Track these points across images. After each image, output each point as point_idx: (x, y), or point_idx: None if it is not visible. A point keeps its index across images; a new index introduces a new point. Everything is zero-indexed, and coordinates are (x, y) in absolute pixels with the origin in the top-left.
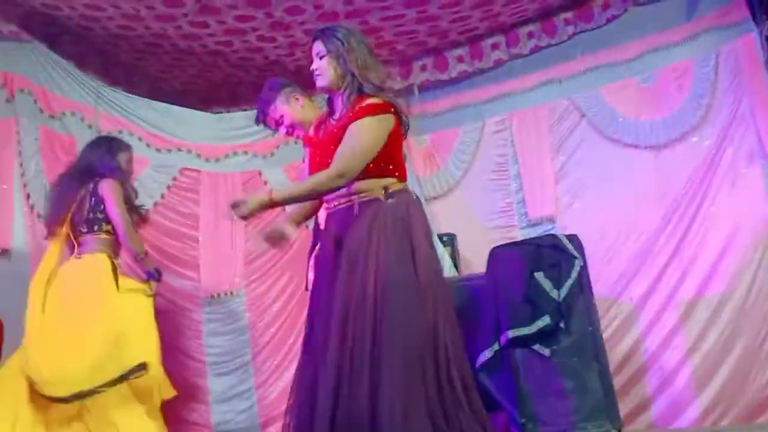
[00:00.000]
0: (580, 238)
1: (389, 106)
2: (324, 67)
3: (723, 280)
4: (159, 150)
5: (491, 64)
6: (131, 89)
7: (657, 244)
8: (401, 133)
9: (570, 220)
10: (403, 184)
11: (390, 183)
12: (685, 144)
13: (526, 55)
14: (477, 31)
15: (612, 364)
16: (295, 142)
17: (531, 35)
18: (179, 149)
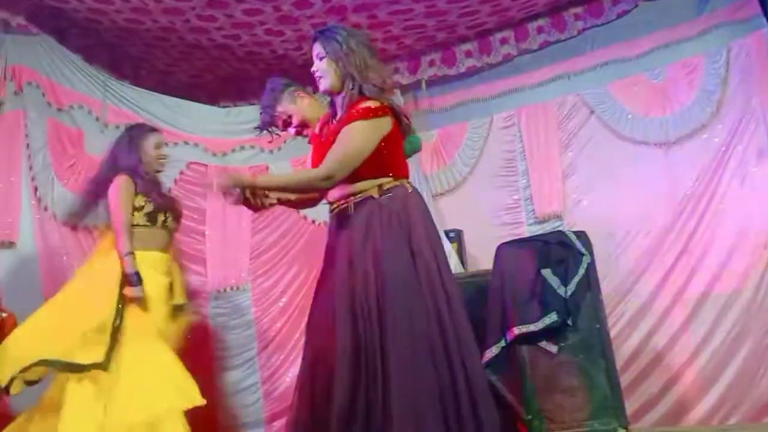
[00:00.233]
0: (588, 235)
1: (385, 108)
2: (324, 69)
3: (731, 278)
4: (166, 144)
5: (500, 59)
6: (139, 83)
7: (665, 241)
8: (400, 135)
9: (578, 217)
10: (400, 180)
11: (385, 182)
12: (695, 141)
13: (535, 50)
14: (486, 26)
15: (619, 361)
16: (303, 137)
17: (540, 30)
18: (186, 143)
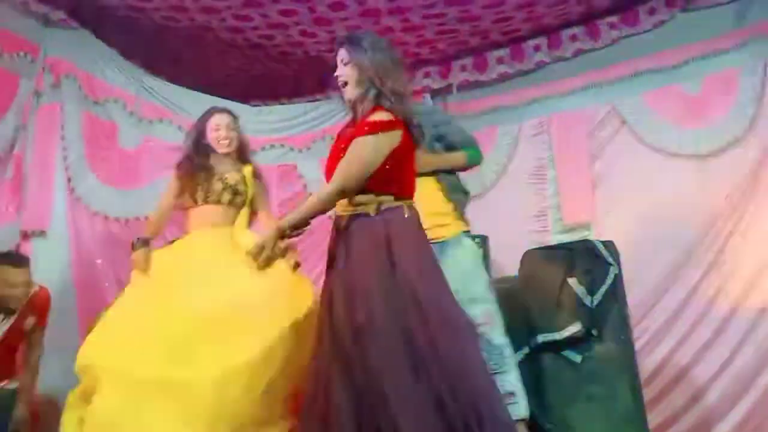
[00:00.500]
0: (616, 245)
1: (396, 122)
2: (348, 75)
3: (760, 295)
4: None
5: (532, 66)
6: (173, 79)
7: (695, 255)
8: (410, 147)
9: (606, 227)
10: (401, 201)
11: (385, 200)
12: (728, 155)
13: (568, 58)
14: (519, 33)
15: (643, 374)
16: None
17: (574, 38)
18: None
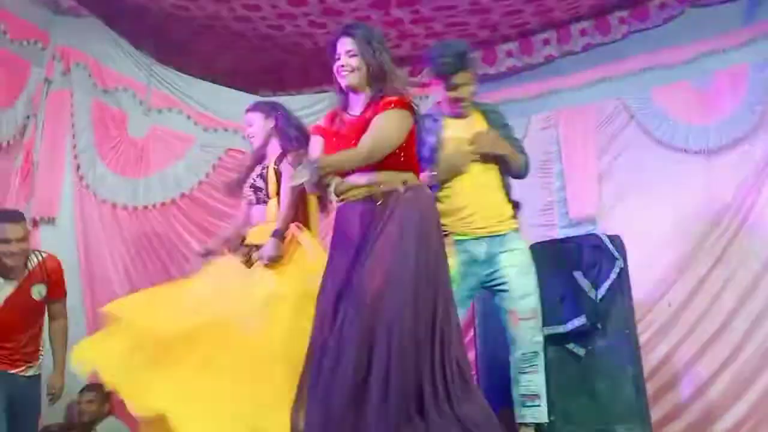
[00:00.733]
0: (622, 239)
1: (410, 104)
2: (354, 66)
3: (765, 291)
4: (206, 129)
5: (541, 60)
6: (182, 68)
7: (701, 250)
8: (414, 134)
9: (612, 221)
10: (418, 178)
11: (409, 177)
12: (736, 151)
13: (577, 53)
14: (529, 26)
15: (646, 368)
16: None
17: (584, 32)
18: (226, 129)
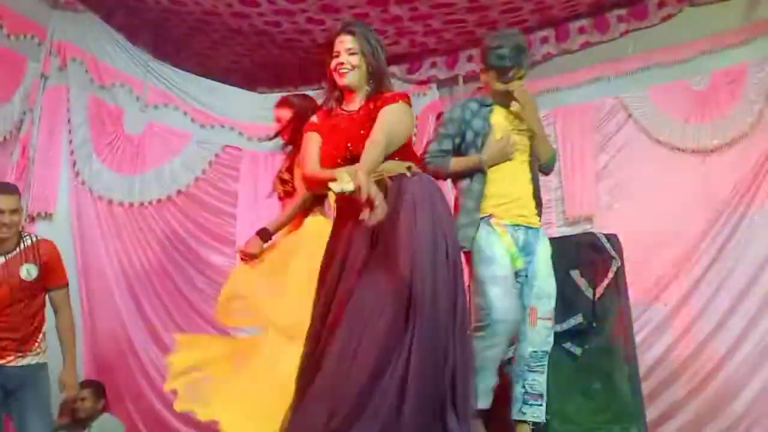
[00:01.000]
0: (619, 239)
1: (410, 101)
2: (355, 64)
3: (762, 290)
4: (203, 126)
5: (539, 58)
6: (179, 64)
7: (697, 250)
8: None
9: (609, 220)
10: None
11: (412, 165)
12: (734, 150)
13: (575, 51)
14: (527, 24)
15: (643, 368)
16: None
17: (582, 30)
18: (222, 126)
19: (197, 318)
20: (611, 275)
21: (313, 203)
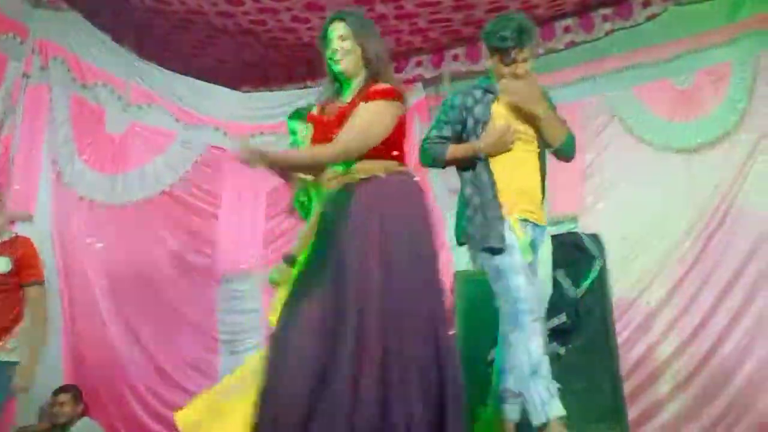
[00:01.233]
0: (601, 238)
1: (401, 94)
2: (347, 50)
3: (743, 289)
4: (187, 125)
5: None
6: (163, 64)
7: (680, 249)
8: (406, 120)
9: (593, 220)
10: (404, 166)
11: (391, 165)
12: (717, 149)
13: (560, 50)
14: None
15: (626, 367)
16: None
17: (567, 30)
18: (206, 126)
19: (178, 319)
20: (594, 275)
21: None
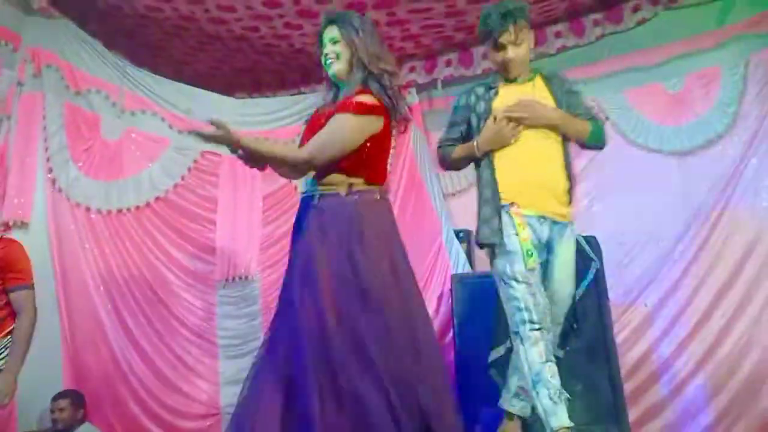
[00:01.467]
0: (598, 241)
1: (380, 108)
2: (338, 53)
3: (740, 289)
4: (181, 131)
5: None
6: (156, 70)
7: (676, 251)
8: (388, 136)
9: (588, 223)
10: (372, 186)
11: (356, 182)
12: (710, 152)
13: (552, 55)
14: None
15: (624, 368)
16: None
17: (558, 35)
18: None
19: (177, 325)
20: (591, 277)
21: None
